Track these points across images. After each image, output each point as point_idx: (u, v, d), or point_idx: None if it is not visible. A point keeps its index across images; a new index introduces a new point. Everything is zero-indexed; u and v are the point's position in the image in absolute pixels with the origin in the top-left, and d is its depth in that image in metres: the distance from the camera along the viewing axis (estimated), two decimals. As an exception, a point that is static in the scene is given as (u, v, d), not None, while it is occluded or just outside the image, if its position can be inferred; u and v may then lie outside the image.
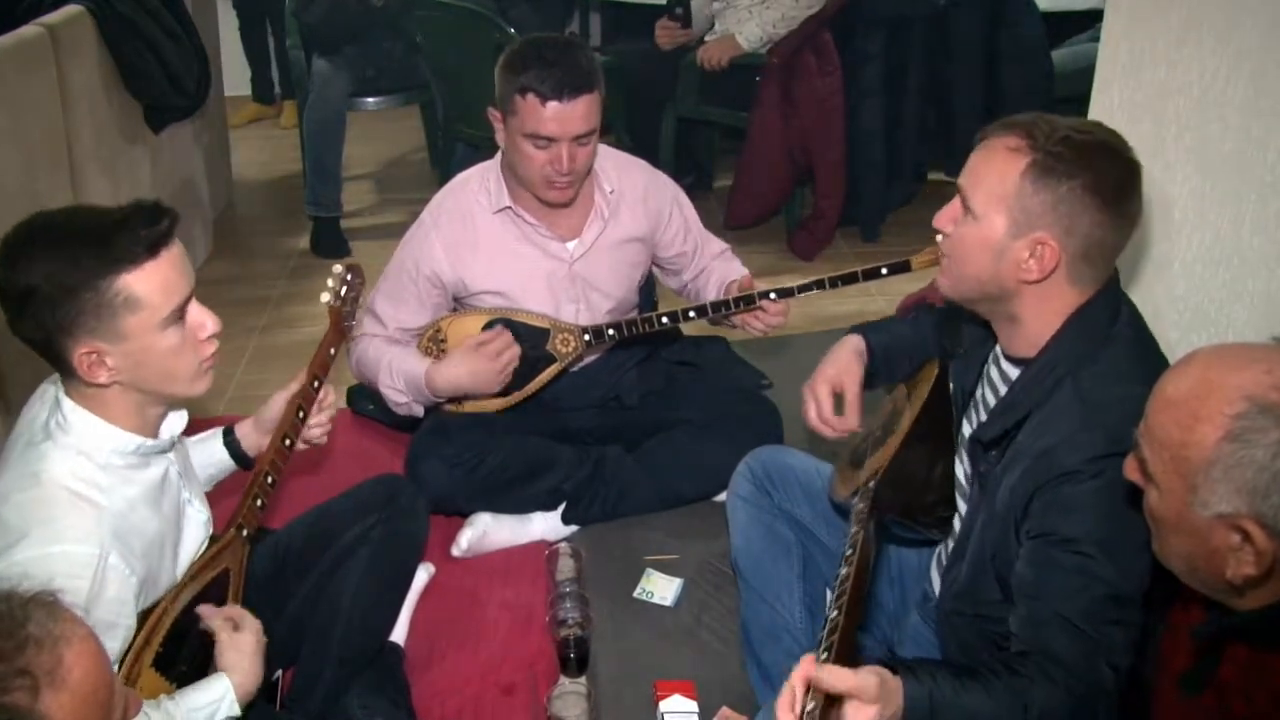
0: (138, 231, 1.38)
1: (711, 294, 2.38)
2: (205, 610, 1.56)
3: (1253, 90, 1.73)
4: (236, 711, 1.51)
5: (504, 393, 2.26)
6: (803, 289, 2.11)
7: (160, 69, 3.17)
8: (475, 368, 2.19)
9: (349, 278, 2.03)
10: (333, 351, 1.91)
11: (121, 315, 1.38)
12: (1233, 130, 1.77)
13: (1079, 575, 1.32)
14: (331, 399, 1.85)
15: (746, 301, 2.15)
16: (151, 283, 1.39)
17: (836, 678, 1.13)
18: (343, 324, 1.99)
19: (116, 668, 1.41)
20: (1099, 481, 1.32)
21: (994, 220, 1.39)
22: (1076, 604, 1.32)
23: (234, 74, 4.35)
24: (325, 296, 2.00)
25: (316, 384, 1.81)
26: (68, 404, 1.45)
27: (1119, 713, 1.36)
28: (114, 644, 1.41)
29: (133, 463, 1.48)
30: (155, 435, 1.52)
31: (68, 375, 1.44)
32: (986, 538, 1.45)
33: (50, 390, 1.50)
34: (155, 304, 1.39)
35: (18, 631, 0.96)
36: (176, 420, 1.57)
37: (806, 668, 1.14)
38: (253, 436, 1.81)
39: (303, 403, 1.77)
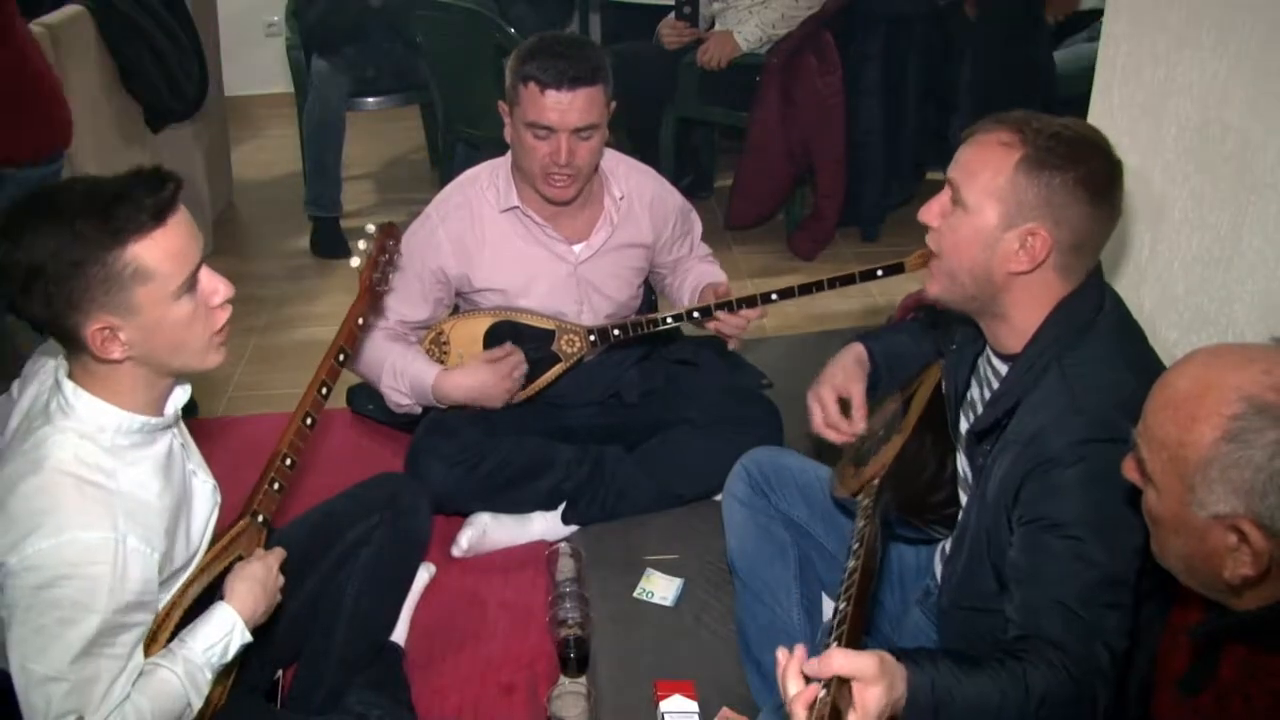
0: (142, 199, 1.33)
1: (685, 296, 2.40)
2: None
3: (1253, 90, 1.72)
4: (248, 638, 1.50)
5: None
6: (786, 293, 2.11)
7: (159, 71, 3.16)
8: (485, 380, 2.22)
9: (386, 240, 1.91)
10: (360, 321, 1.82)
11: (131, 288, 1.33)
12: (1233, 130, 1.77)
13: (1071, 560, 1.33)
14: None
15: (749, 303, 2.15)
16: (161, 251, 1.34)
17: (828, 663, 1.13)
18: (374, 289, 1.90)
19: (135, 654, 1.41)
20: (1085, 466, 1.34)
21: (986, 211, 1.43)
22: (1070, 588, 1.33)
23: (234, 74, 4.34)
24: (354, 261, 1.91)
25: (342, 358, 1.76)
26: (69, 386, 1.39)
27: (1118, 714, 1.37)
28: (146, 615, 1.41)
29: (138, 441, 1.44)
30: (160, 412, 1.48)
31: (78, 352, 1.39)
32: (981, 527, 1.47)
33: (50, 366, 1.45)
34: (166, 273, 1.35)
35: None
36: (180, 394, 1.53)
37: (798, 662, 1.15)
38: None
39: (327, 377, 1.73)
